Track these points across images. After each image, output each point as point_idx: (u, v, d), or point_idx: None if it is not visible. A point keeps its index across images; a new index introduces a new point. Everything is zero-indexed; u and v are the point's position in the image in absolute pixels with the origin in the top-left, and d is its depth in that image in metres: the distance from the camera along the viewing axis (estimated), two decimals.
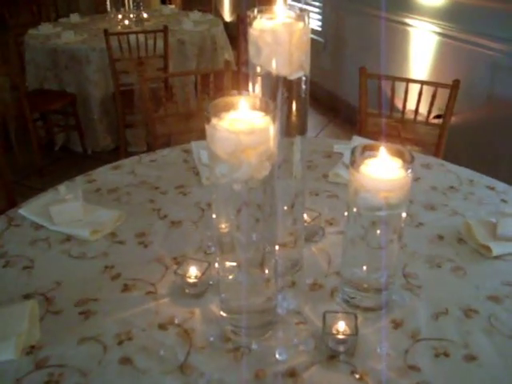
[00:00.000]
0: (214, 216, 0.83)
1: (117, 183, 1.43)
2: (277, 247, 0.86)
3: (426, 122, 2.01)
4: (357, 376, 0.82)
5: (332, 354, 0.86)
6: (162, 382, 0.82)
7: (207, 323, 0.93)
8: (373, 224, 0.87)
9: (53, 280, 1.04)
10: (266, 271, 0.85)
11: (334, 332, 0.86)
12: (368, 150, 0.89)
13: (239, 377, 0.82)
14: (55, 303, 0.98)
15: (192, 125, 2.08)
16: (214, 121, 0.73)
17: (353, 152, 0.87)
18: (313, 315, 0.95)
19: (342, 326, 0.87)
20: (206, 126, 0.74)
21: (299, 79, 0.88)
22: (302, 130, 0.94)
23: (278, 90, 0.86)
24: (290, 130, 0.91)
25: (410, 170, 0.83)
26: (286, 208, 0.97)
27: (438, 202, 1.32)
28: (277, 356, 0.85)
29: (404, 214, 0.88)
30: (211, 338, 0.89)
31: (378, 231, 0.87)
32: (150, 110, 1.98)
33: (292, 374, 0.82)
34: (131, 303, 0.98)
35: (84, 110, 3.24)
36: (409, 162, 0.84)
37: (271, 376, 0.82)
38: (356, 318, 0.87)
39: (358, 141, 1.55)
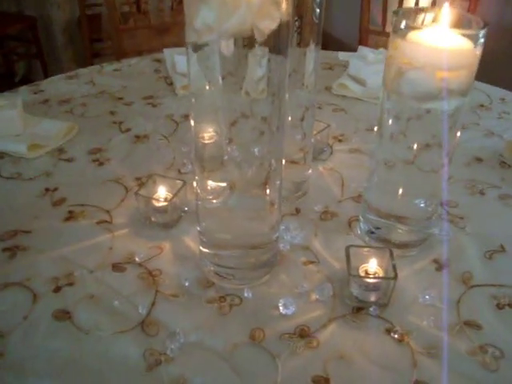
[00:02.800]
0: (192, 123, 0.53)
1: (70, 93, 1.12)
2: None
3: None
4: (395, 336, 0.56)
5: (358, 305, 0.59)
6: (113, 344, 0.54)
7: (180, 262, 0.65)
8: (416, 128, 0.59)
9: None
10: (269, 192, 0.56)
11: (362, 274, 0.59)
12: (414, 14, 0.59)
13: (226, 338, 0.54)
14: None
15: (166, 41, 1.74)
16: None
17: (396, 14, 0.57)
18: (326, 252, 0.67)
19: (372, 266, 0.59)
20: None
21: None
22: (317, 38, 0.65)
23: None
24: (304, 37, 0.64)
25: (481, 41, 0.54)
26: (294, 121, 0.69)
27: (468, 120, 1.04)
28: (280, 309, 0.58)
29: (462, 114, 0.59)
30: (186, 283, 0.61)
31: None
32: (116, 20, 1.63)
33: (302, 334, 0.55)
34: (76, 236, 0.70)
35: (46, 37, 2.84)
36: (479, 28, 0.55)
37: (272, 337, 0.55)
38: (392, 254, 0.60)
39: (365, 50, 1.24)
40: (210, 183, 0.57)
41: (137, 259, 0.65)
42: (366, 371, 0.52)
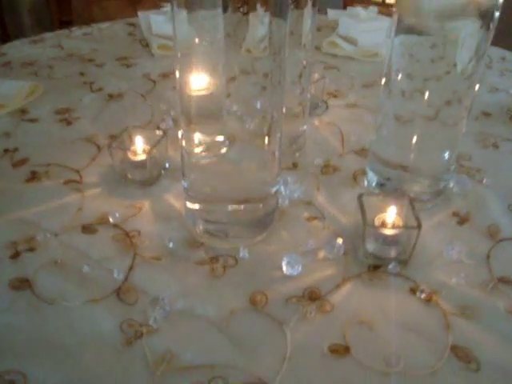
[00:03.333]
0: (177, 74, 0.44)
1: (35, 56, 1.00)
2: None
3: None
4: (421, 296, 0.46)
5: (375, 262, 0.49)
6: (83, 316, 0.43)
7: (162, 222, 0.55)
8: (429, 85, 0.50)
9: None
10: (269, 144, 0.47)
11: (377, 224, 0.50)
12: None
13: (221, 304, 0.44)
14: None
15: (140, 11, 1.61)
16: None
17: None
18: (332, 206, 0.57)
19: (390, 216, 0.50)
20: None
21: None
22: None
23: None
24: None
25: None
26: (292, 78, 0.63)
27: None
28: (283, 268, 0.48)
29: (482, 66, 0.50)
30: (170, 244, 0.51)
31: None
32: None
33: (312, 296, 0.46)
34: (39, 198, 0.59)
35: (11, 18, 2.67)
36: None
37: (277, 302, 0.45)
38: (411, 201, 0.50)
39: (356, 9, 1.15)
40: (199, 136, 0.48)
41: (111, 220, 0.55)
42: (391, 337, 0.42)
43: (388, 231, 0.49)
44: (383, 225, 0.49)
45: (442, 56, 0.50)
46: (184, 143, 0.49)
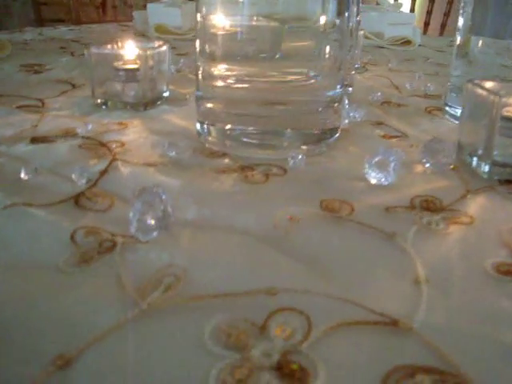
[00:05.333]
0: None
1: (12, 39, 0.82)
2: None
3: None
4: None
5: (508, 175, 0.28)
6: (13, 223, 0.21)
7: (160, 135, 0.34)
8: None
9: None
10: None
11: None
12: None
13: (267, 213, 0.23)
14: None
15: None
16: None
17: None
18: (412, 129, 0.37)
19: None
20: None
21: None
22: None
23: None
24: None
25: None
26: None
27: None
28: (369, 175, 0.27)
29: None
30: (172, 153, 0.30)
31: None
32: None
33: (431, 207, 0.24)
34: None
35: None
36: None
37: (370, 210, 0.24)
38: None
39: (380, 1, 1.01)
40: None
41: (79, 131, 0.34)
42: None
43: None
44: None
45: None
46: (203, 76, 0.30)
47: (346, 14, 0.32)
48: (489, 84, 0.32)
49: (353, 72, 0.50)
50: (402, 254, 0.21)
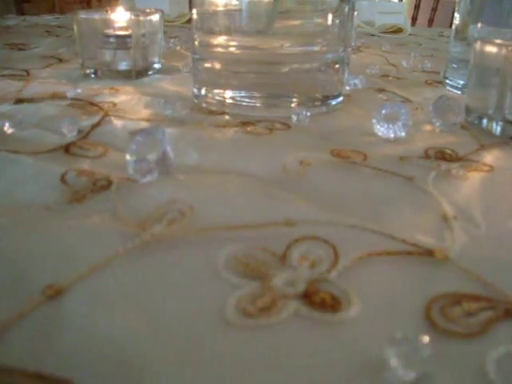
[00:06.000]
0: None
1: None
2: None
3: None
4: None
5: None
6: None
7: (156, 97, 0.32)
8: None
9: None
10: None
11: None
12: None
13: (275, 160, 0.21)
14: None
15: None
16: None
17: None
18: (415, 96, 0.36)
19: None
20: None
21: None
22: None
23: None
24: None
25: None
26: None
27: None
28: (379, 130, 0.25)
29: None
30: (168, 111, 0.27)
31: None
32: None
33: (447, 157, 0.22)
34: None
35: None
36: None
37: (384, 159, 0.22)
38: None
39: None
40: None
41: (68, 94, 0.32)
42: None
43: None
44: None
45: None
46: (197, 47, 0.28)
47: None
48: (498, 41, 0.31)
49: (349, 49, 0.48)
50: (424, 194, 0.19)
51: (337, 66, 0.32)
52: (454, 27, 0.42)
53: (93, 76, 0.39)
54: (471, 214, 0.17)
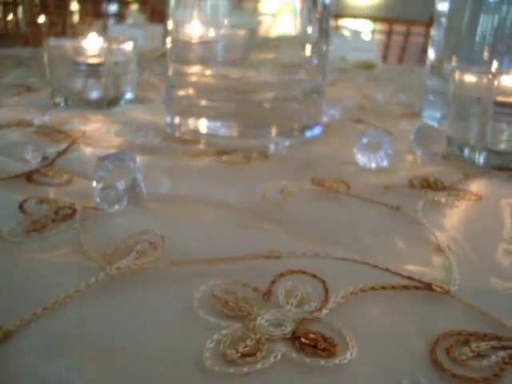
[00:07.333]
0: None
1: None
2: None
3: None
4: None
5: (502, 161, 0.27)
6: None
7: (126, 125, 0.30)
8: None
9: None
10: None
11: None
12: None
13: (252, 190, 0.20)
14: None
15: None
16: None
17: None
18: (394, 129, 0.35)
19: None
20: None
21: None
22: None
23: None
24: None
25: None
26: None
27: None
28: (360, 160, 0.24)
29: None
30: (140, 138, 0.26)
31: None
32: None
33: (432, 185, 0.21)
34: None
35: None
36: None
37: (368, 188, 0.21)
38: None
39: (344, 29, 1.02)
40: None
41: (34, 122, 0.30)
42: None
43: None
44: None
45: None
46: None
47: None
48: (476, 69, 0.31)
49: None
50: (413, 223, 0.18)
51: (315, 95, 0.31)
52: (428, 62, 0.42)
53: (63, 105, 0.37)
54: (465, 244, 0.16)
